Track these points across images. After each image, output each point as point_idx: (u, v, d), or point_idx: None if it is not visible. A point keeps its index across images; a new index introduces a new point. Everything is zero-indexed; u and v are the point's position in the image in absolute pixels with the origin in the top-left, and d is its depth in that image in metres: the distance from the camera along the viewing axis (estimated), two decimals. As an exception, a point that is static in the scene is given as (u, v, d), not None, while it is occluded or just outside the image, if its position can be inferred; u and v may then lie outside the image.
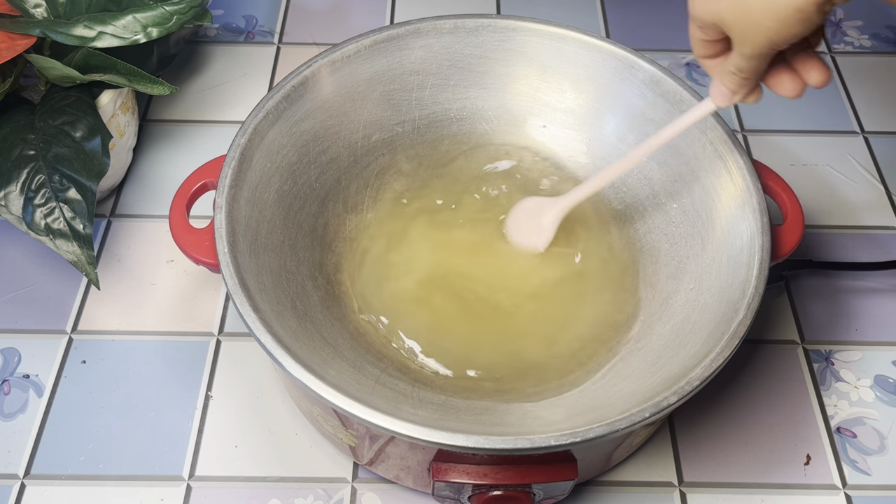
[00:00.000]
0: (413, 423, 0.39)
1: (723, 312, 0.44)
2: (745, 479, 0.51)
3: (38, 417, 0.52)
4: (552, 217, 0.52)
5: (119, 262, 0.59)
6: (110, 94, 0.57)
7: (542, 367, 0.48)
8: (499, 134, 0.57)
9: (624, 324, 0.50)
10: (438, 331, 0.49)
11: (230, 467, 0.50)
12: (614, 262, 0.52)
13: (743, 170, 0.48)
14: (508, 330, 0.50)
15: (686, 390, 0.40)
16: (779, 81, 0.42)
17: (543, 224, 0.52)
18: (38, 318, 0.56)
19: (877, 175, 0.66)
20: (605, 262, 0.52)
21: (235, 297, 0.42)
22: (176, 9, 0.56)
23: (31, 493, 0.49)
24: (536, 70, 0.56)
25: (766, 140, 0.68)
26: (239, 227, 0.46)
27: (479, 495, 0.43)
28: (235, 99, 0.69)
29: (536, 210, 0.53)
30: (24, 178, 0.51)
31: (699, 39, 0.42)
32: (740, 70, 0.41)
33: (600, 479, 0.51)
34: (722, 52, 0.43)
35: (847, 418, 0.53)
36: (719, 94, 0.44)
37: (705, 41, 0.42)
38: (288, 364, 0.40)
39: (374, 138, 0.56)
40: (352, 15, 0.77)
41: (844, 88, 0.72)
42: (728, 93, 0.43)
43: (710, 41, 0.42)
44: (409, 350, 0.48)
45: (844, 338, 0.57)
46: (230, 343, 0.56)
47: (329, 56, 0.52)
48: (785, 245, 0.48)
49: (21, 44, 0.52)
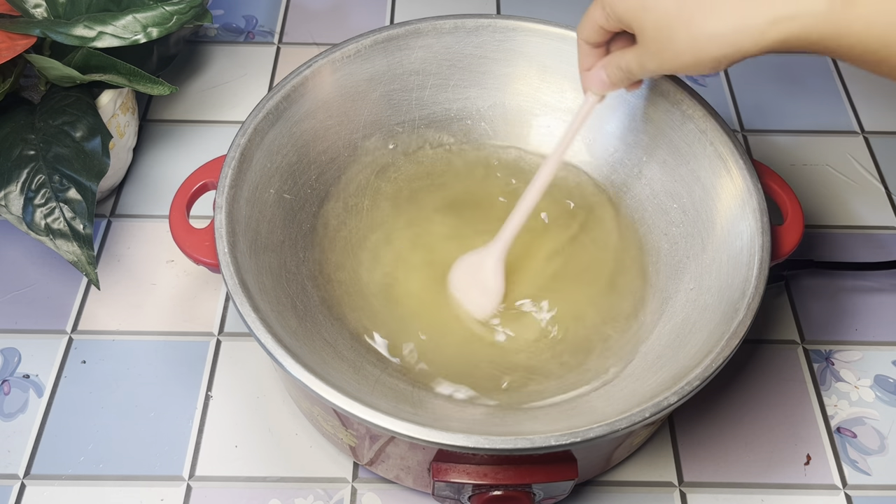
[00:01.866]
0: (413, 423, 0.39)
1: (723, 312, 0.44)
2: (745, 479, 0.51)
3: (38, 417, 0.52)
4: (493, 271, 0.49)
5: (119, 262, 0.59)
6: (110, 94, 0.57)
7: (543, 367, 0.48)
8: (499, 134, 0.57)
9: (624, 324, 0.50)
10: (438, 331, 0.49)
11: (230, 467, 0.50)
12: (614, 262, 0.52)
13: (743, 170, 0.48)
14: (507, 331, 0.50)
15: (686, 390, 0.40)
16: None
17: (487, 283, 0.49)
18: (38, 318, 0.56)
19: (877, 175, 0.66)
20: (605, 261, 0.52)
21: (235, 297, 0.42)
22: (176, 9, 0.56)
23: (31, 493, 0.49)
24: (536, 70, 0.56)
25: (766, 140, 0.68)
26: (239, 227, 0.46)
27: (479, 495, 0.43)
28: (235, 99, 0.69)
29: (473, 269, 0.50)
30: (24, 178, 0.51)
31: (598, 25, 0.42)
32: (631, 73, 0.42)
33: (600, 479, 0.51)
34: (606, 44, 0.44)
35: (847, 418, 0.53)
36: (599, 83, 0.45)
37: (603, 29, 0.42)
38: (288, 364, 0.40)
39: (374, 138, 0.56)
40: (352, 15, 0.77)
41: (844, 88, 0.72)
42: (608, 84, 0.44)
43: (608, 31, 0.42)
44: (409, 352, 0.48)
45: (844, 338, 0.57)
46: (230, 343, 0.56)
47: (329, 56, 0.52)
48: (785, 245, 0.48)
49: (21, 44, 0.52)
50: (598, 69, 0.44)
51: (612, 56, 0.43)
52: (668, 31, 0.38)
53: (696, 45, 0.37)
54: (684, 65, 0.38)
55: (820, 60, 0.75)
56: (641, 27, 0.39)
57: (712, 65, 0.38)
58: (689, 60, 0.38)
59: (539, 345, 0.49)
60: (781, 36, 0.35)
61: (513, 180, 0.56)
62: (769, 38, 0.36)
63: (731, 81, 0.73)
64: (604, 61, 0.44)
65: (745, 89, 0.72)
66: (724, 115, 0.69)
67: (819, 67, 0.74)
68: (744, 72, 0.73)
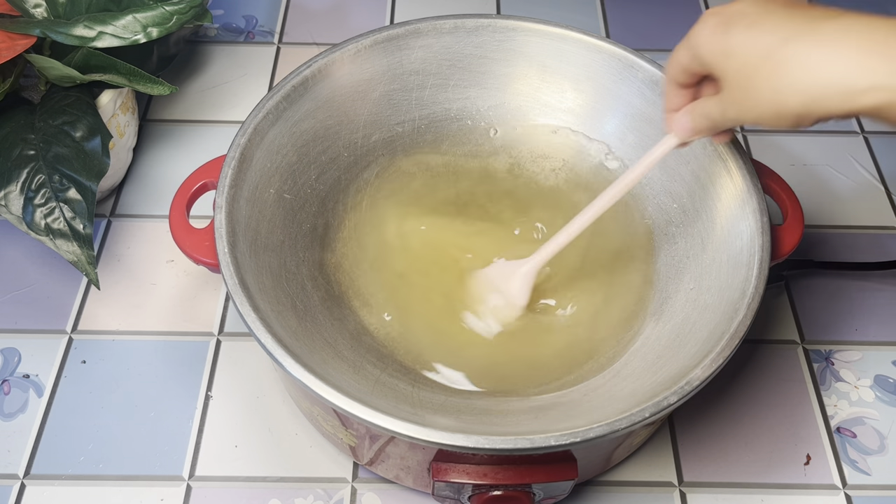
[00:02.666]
0: (413, 423, 0.39)
1: (723, 312, 0.44)
2: (745, 479, 0.51)
3: (38, 417, 0.52)
4: (521, 281, 0.49)
5: (119, 262, 0.59)
6: (110, 94, 0.57)
7: (543, 367, 0.48)
8: (499, 134, 0.57)
9: (624, 324, 0.50)
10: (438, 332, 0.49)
11: (230, 467, 0.50)
12: (613, 262, 0.52)
13: (743, 170, 0.48)
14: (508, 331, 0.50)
15: (686, 390, 0.40)
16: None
17: (512, 291, 0.49)
18: (38, 318, 0.56)
19: (877, 175, 0.66)
20: (604, 261, 0.52)
21: (235, 297, 0.42)
22: (176, 9, 0.56)
23: (31, 493, 0.49)
24: (536, 70, 0.56)
25: (766, 140, 0.68)
26: (239, 227, 0.46)
27: (479, 495, 0.43)
28: (235, 99, 0.69)
29: (503, 276, 0.50)
30: (24, 178, 0.51)
31: (682, 66, 0.40)
32: (715, 122, 0.40)
33: (600, 479, 0.51)
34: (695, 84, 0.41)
35: (847, 418, 0.53)
36: (682, 129, 0.42)
37: (688, 71, 0.40)
38: (288, 364, 0.40)
39: (374, 138, 0.56)
40: (352, 15, 0.77)
41: (844, 88, 0.72)
42: (692, 131, 0.42)
43: (694, 73, 0.40)
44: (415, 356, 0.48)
45: (844, 338, 0.57)
46: (230, 343, 0.56)
47: (329, 56, 0.52)
48: (785, 245, 0.48)
49: (21, 44, 0.52)
50: (684, 114, 0.42)
51: (699, 103, 0.41)
52: (750, 80, 0.35)
53: (777, 97, 0.34)
54: (763, 116, 0.36)
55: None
56: (724, 73, 0.37)
57: (794, 120, 0.35)
58: (769, 112, 0.35)
59: (539, 345, 0.49)
60: (877, 103, 0.32)
61: (513, 180, 0.56)
62: (862, 102, 0.32)
63: (731, 81, 0.72)
64: (690, 107, 0.41)
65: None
66: (724, 115, 0.69)
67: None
68: (744, 72, 0.73)
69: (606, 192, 0.46)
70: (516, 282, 0.49)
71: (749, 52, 0.35)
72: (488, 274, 0.51)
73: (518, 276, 0.49)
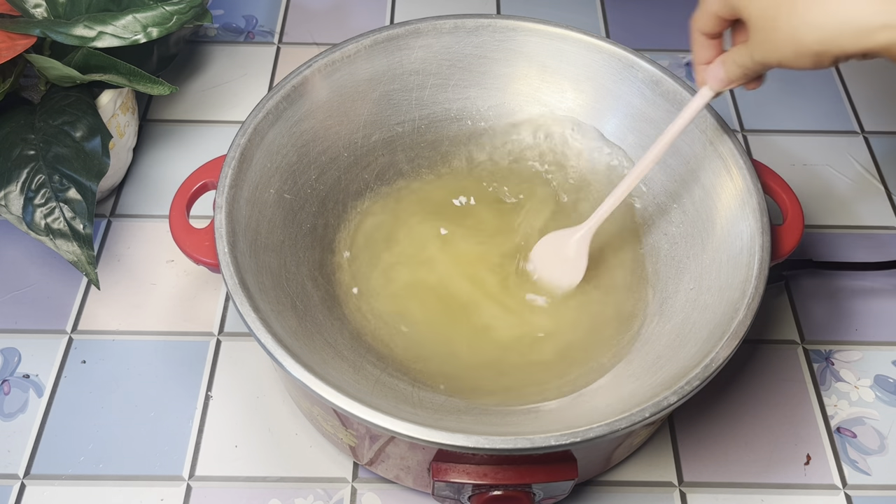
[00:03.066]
0: (413, 423, 0.39)
1: (723, 312, 0.44)
2: (745, 479, 0.51)
3: (38, 417, 0.52)
4: (577, 247, 0.50)
5: (119, 262, 0.59)
6: (110, 94, 0.57)
7: (543, 367, 0.48)
8: (499, 134, 0.57)
9: (624, 324, 0.50)
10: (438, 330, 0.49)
11: (230, 467, 0.50)
12: (613, 262, 0.52)
13: (743, 170, 0.48)
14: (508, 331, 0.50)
15: (686, 390, 0.40)
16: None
17: (570, 256, 0.50)
18: (38, 318, 0.56)
19: (877, 175, 0.66)
20: (605, 262, 0.52)
21: (235, 297, 0.42)
22: (176, 9, 0.56)
23: (31, 493, 0.49)
24: (536, 70, 0.56)
25: (766, 140, 0.68)
26: (239, 227, 0.46)
27: (479, 495, 0.43)
28: (235, 99, 0.69)
29: (558, 244, 0.51)
30: (24, 178, 0.51)
31: (713, 13, 0.41)
32: (746, 68, 0.41)
33: (600, 479, 0.51)
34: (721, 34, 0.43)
35: (847, 418, 0.53)
36: (716, 80, 0.43)
37: (719, 17, 0.41)
38: (288, 364, 0.40)
39: (374, 138, 0.56)
40: (352, 15, 0.77)
41: (844, 88, 0.72)
42: (726, 81, 0.43)
43: (724, 20, 0.41)
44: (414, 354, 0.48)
45: (844, 338, 0.57)
46: (230, 343, 0.56)
47: (329, 56, 0.52)
48: (785, 245, 0.48)
49: (21, 44, 0.52)
50: (717, 65, 0.43)
51: (731, 52, 0.42)
52: (771, 19, 0.37)
53: (795, 35, 0.36)
54: (785, 56, 0.37)
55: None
56: (750, 14, 0.38)
57: (813, 59, 0.36)
58: (789, 52, 0.37)
59: (539, 344, 0.49)
60: (889, 42, 0.34)
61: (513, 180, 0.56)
62: (876, 40, 0.34)
63: (731, 81, 0.72)
64: (722, 57, 0.43)
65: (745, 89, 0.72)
66: (724, 115, 0.69)
67: (819, 67, 0.74)
68: (744, 72, 0.73)
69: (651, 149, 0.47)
70: (571, 250, 0.50)
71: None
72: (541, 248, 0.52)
73: (571, 245, 0.50)
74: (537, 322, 0.50)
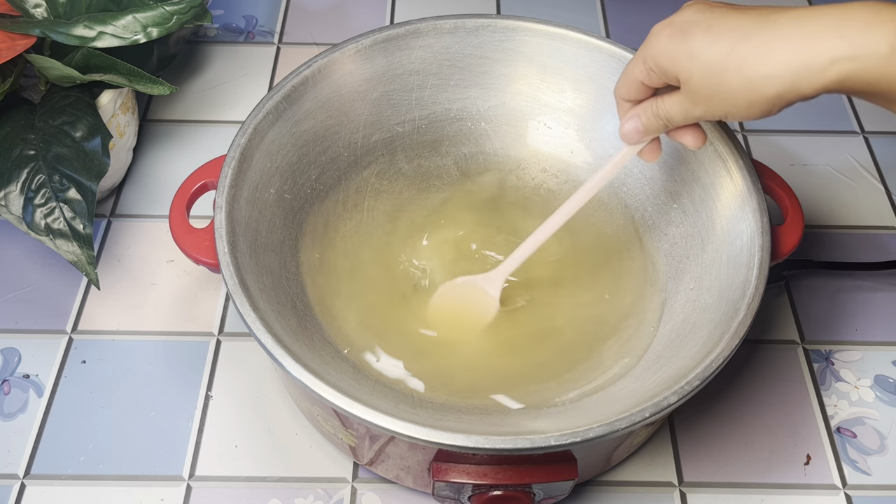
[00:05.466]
0: (413, 423, 0.39)
1: (723, 312, 0.44)
2: (745, 479, 0.51)
3: (38, 417, 0.52)
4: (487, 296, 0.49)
5: (119, 262, 0.59)
6: (110, 94, 0.57)
7: (543, 367, 0.48)
8: (499, 134, 0.57)
9: (624, 324, 0.50)
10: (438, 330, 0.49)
11: (230, 467, 0.50)
12: (614, 261, 0.52)
13: (743, 170, 0.48)
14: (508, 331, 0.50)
15: (686, 390, 0.40)
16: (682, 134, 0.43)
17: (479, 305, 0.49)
18: (38, 318, 0.56)
19: (877, 175, 0.66)
20: (605, 261, 0.52)
21: (235, 297, 0.42)
22: (176, 9, 0.56)
23: (31, 493, 0.49)
24: (536, 70, 0.56)
25: (766, 140, 0.68)
26: (239, 227, 0.46)
27: (479, 495, 0.43)
28: (235, 99, 0.69)
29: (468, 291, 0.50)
30: (24, 178, 0.51)
31: (638, 82, 0.41)
32: (671, 121, 0.41)
33: (600, 479, 0.51)
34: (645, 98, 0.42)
35: (847, 418, 0.53)
36: (634, 132, 0.43)
37: (644, 86, 0.41)
38: (288, 364, 0.40)
39: (374, 138, 0.56)
40: (352, 15, 0.77)
41: (844, 88, 0.72)
42: (643, 132, 0.43)
43: (650, 87, 0.41)
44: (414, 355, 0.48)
45: (844, 338, 0.57)
46: (230, 343, 0.56)
47: (329, 56, 0.52)
48: (785, 245, 0.48)
49: (21, 44, 0.52)
50: (632, 118, 0.43)
51: (648, 103, 0.42)
52: (718, 76, 0.37)
53: (749, 86, 0.36)
54: (736, 108, 0.38)
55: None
56: (689, 75, 0.38)
57: (766, 107, 0.37)
58: (742, 103, 0.37)
59: (539, 345, 0.49)
60: (840, 76, 0.35)
61: (513, 180, 0.56)
62: (827, 77, 0.35)
63: (731, 81, 0.72)
64: (637, 109, 0.43)
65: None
66: (724, 115, 0.69)
67: (819, 67, 0.74)
68: (744, 72, 0.73)
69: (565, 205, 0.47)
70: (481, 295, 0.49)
71: (713, 51, 0.37)
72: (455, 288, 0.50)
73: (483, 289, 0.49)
74: (537, 323, 0.50)
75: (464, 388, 0.47)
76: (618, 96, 0.44)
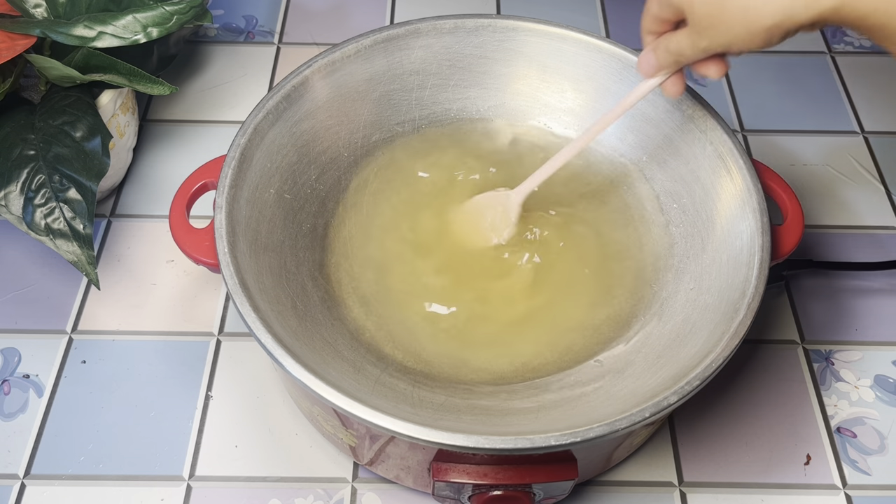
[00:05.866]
0: (413, 423, 0.39)
1: (723, 312, 0.44)
2: (745, 479, 0.51)
3: (38, 417, 0.52)
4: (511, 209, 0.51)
5: (119, 262, 0.59)
6: (110, 94, 0.57)
7: (543, 367, 0.48)
8: (499, 134, 0.57)
9: (624, 323, 0.50)
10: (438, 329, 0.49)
11: (230, 467, 0.50)
12: (613, 262, 0.52)
13: (743, 170, 0.48)
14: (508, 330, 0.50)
15: (686, 390, 0.40)
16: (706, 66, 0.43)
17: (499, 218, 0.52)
18: (38, 318, 0.56)
19: (877, 175, 0.66)
20: (605, 261, 0.52)
21: (235, 297, 0.42)
22: (176, 9, 0.56)
23: (31, 493, 0.49)
24: (536, 70, 0.56)
25: (766, 140, 0.68)
26: (239, 227, 0.46)
27: (479, 495, 0.43)
28: (235, 99, 0.70)
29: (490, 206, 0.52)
30: (24, 178, 0.51)
31: (655, 16, 0.43)
32: (682, 55, 0.42)
33: (600, 479, 0.51)
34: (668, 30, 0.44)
35: (847, 418, 0.53)
36: (647, 65, 0.45)
37: (661, 19, 0.43)
38: (288, 364, 0.40)
39: (374, 138, 0.56)
40: (352, 15, 0.77)
41: (844, 88, 0.72)
42: (657, 67, 0.44)
43: (666, 20, 0.43)
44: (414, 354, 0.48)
45: (844, 338, 0.57)
46: (230, 343, 0.56)
47: (329, 56, 0.52)
48: (785, 245, 0.48)
49: (21, 44, 0.52)
50: (648, 52, 0.45)
51: (662, 38, 0.44)
52: (718, 5, 0.39)
53: (747, 14, 0.38)
54: (737, 37, 0.39)
55: (820, 60, 0.75)
56: (691, 6, 0.40)
57: (765, 36, 0.38)
58: (742, 32, 0.38)
59: (539, 345, 0.49)
60: (835, 4, 0.36)
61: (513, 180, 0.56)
62: (823, 5, 0.36)
63: (731, 81, 0.73)
64: (653, 44, 0.44)
65: (745, 89, 0.72)
66: (724, 115, 0.69)
67: (819, 67, 0.74)
68: (744, 72, 0.73)
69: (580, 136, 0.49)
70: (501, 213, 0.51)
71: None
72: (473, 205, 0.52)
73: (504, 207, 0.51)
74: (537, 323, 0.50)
75: (464, 388, 0.47)
76: (643, 31, 0.45)
